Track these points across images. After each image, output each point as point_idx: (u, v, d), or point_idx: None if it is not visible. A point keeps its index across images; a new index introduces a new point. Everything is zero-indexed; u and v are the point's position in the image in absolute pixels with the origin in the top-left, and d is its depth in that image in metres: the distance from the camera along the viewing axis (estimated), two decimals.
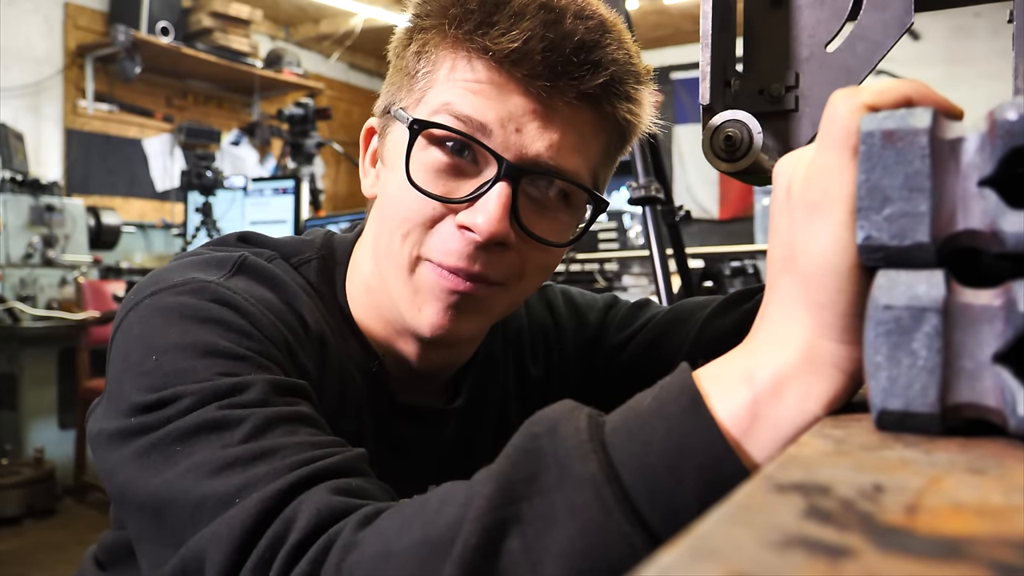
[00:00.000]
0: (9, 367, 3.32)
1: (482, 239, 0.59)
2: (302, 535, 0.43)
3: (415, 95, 0.63)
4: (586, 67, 0.59)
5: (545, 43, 0.57)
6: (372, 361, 0.68)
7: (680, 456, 0.35)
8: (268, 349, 0.56)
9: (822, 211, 0.34)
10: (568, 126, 0.61)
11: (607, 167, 0.68)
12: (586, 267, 3.30)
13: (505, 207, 0.59)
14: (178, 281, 0.58)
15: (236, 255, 0.63)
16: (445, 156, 0.61)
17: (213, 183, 3.12)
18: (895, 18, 0.58)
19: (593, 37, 0.59)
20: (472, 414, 0.76)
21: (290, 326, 0.61)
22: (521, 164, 0.60)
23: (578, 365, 0.83)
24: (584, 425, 0.37)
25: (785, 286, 0.36)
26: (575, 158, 0.62)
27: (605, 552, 0.34)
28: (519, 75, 0.59)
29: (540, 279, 0.67)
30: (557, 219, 0.64)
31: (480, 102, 0.59)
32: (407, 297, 0.64)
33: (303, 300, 0.65)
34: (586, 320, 0.84)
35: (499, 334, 0.79)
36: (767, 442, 0.35)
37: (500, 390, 0.79)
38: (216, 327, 0.55)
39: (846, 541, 0.20)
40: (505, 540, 0.36)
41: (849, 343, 0.34)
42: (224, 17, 5.03)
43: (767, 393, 0.36)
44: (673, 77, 6.69)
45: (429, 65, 0.62)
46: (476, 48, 0.59)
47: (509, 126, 0.59)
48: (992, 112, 0.30)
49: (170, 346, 0.54)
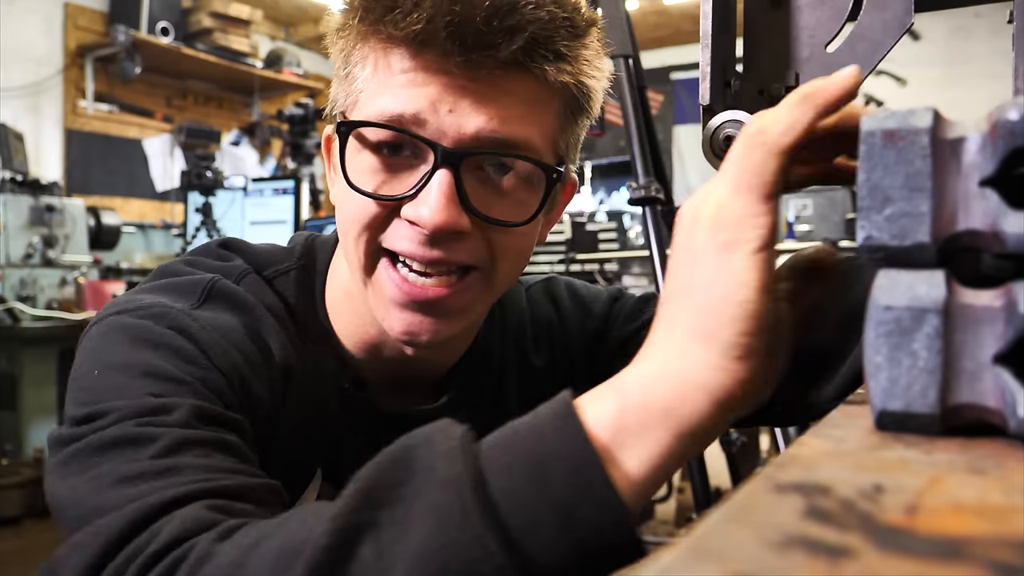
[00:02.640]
0: (9, 367, 3.32)
1: (428, 232, 0.57)
2: (160, 545, 0.43)
3: (352, 98, 0.62)
4: (500, 34, 0.55)
5: (450, 17, 0.54)
6: (347, 376, 0.68)
7: (545, 461, 0.36)
8: (212, 377, 0.56)
9: (733, 249, 0.37)
10: (505, 97, 0.58)
11: (568, 133, 0.65)
12: (586, 267, 3.30)
13: (447, 196, 0.57)
14: (144, 304, 0.60)
15: (206, 281, 0.63)
16: (381, 155, 0.60)
17: (213, 183, 3.12)
18: (895, 18, 0.58)
19: (506, 1, 0.55)
20: (463, 411, 0.76)
21: (248, 355, 0.61)
22: (459, 147, 0.57)
23: (582, 356, 0.82)
24: (458, 434, 0.38)
25: (679, 317, 0.38)
26: (522, 129, 0.59)
27: (458, 551, 0.34)
28: (433, 56, 0.56)
29: (517, 263, 0.65)
30: (514, 196, 0.61)
31: (406, 93, 0.57)
32: (374, 300, 0.63)
33: (269, 325, 0.64)
34: (591, 312, 0.83)
35: (496, 327, 0.78)
36: (637, 453, 0.37)
37: (496, 384, 0.78)
38: (163, 351, 0.56)
39: (846, 541, 0.20)
40: (359, 545, 0.36)
41: (728, 370, 0.37)
42: (224, 17, 5.03)
43: (635, 404, 0.37)
44: (673, 77, 6.70)
45: (354, 65, 0.61)
46: (385, 37, 0.58)
47: (441, 108, 0.57)
48: (993, 112, 0.30)
49: (113, 364, 0.55)
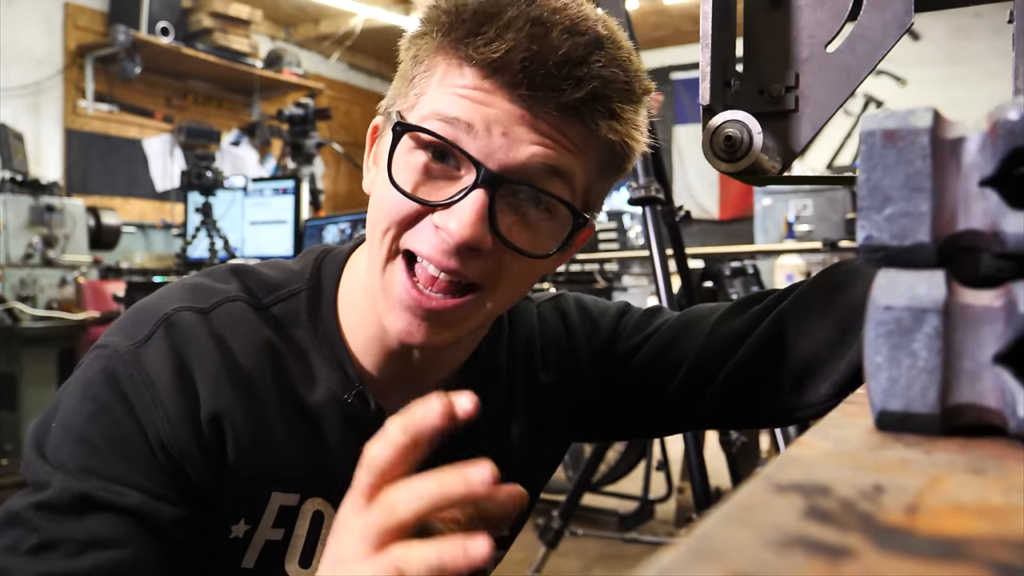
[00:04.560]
0: (9, 367, 3.32)
1: (453, 243, 0.60)
2: None
3: (410, 100, 0.65)
4: (568, 81, 0.60)
5: (527, 54, 0.59)
6: (351, 389, 0.69)
7: None
8: (132, 441, 0.62)
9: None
10: (556, 136, 0.62)
11: (600, 185, 0.69)
12: (586, 267, 3.30)
13: (478, 214, 0.60)
14: (111, 342, 0.65)
15: (160, 316, 0.65)
16: (427, 160, 0.62)
17: (213, 183, 3.11)
18: (895, 18, 0.58)
19: (580, 53, 0.60)
20: (466, 426, 0.76)
21: (169, 407, 0.63)
22: (503, 172, 0.61)
23: (590, 371, 0.83)
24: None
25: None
26: (564, 169, 0.62)
27: None
28: (501, 82, 0.60)
29: (518, 289, 0.68)
30: (538, 229, 0.64)
31: (468, 105, 0.61)
32: (381, 295, 0.65)
33: (206, 366, 0.65)
34: (598, 326, 0.84)
35: (503, 343, 0.79)
36: None
37: (502, 399, 0.79)
38: (98, 418, 0.62)
39: (846, 541, 0.20)
40: None
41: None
42: (224, 17, 5.03)
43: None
44: (673, 77, 6.69)
45: (424, 70, 0.64)
46: (461, 56, 0.61)
47: (495, 129, 0.60)
48: (993, 112, 0.30)
49: (68, 418, 0.62)
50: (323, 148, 4.19)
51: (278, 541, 0.68)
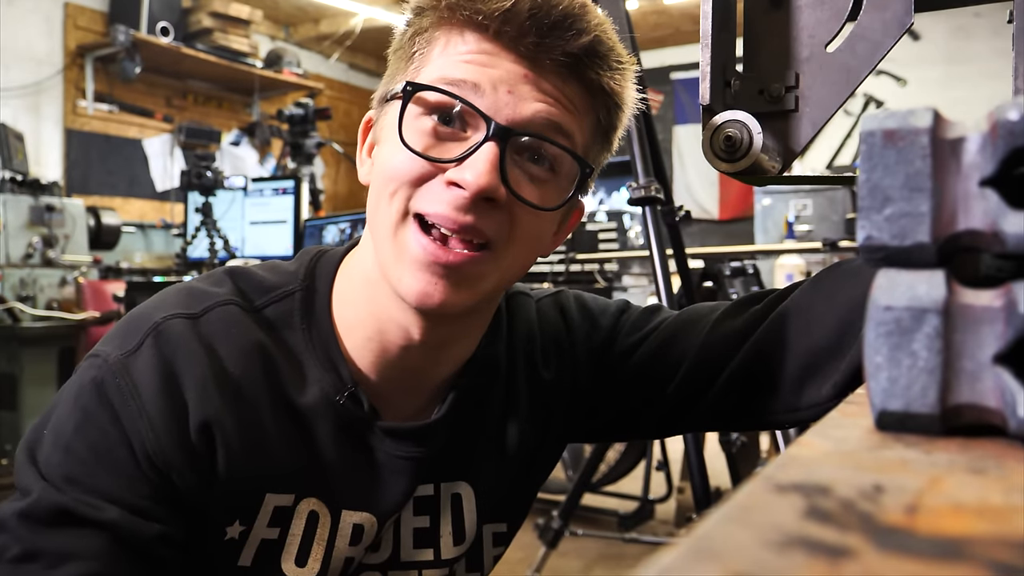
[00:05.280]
0: (9, 367, 3.32)
1: (470, 193, 0.61)
2: None
3: (410, 73, 0.66)
4: (571, 31, 0.63)
5: (532, 5, 0.62)
6: (342, 393, 0.69)
7: None
8: (116, 452, 0.62)
9: None
10: (558, 93, 0.64)
11: (597, 145, 0.71)
12: (586, 267, 3.30)
13: (493, 164, 0.61)
14: (102, 352, 0.65)
15: (151, 324, 0.65)
16: (435, 124, 0.64)
17: (213, 183, 3.11)
18: (895, 18, 0.58)
19: (577, 11, 0.63)
20: (465, 423, 0.76)
21: (155, 420, 0.63)
22: (511, 126, 0.62)
23: (590, 368, 0.83)
24: None
25: None
26: (568, 124, 0.65)
27: None
28: (508, 38, 0.62)
29: (530, 249, 0.68)
30: (545, 184, 0.66)
31: (473, 68, 0.63)
32: (392, 261, 0.64)
33: (196, 374, 0.65)
34: (598, 324, 0.84)
35: (502, 339, 0.79)
36: None
37: (502, 396, 0.79)
38: (85, 428, 0.62)
39: (846, 541, 0.20)
40: None
41: None
42: (224, 17, 5.03)
43: None
44: (673, 77, 6.70)
45: (424, 44, 0.66)
46: (467, 17, 0.63)
47: (501, 88, 0.62)
48: (993, 112, 0.30)
49: (57, 426, 0.63)
50: (323, 148, 4.20)
51: (274, 540, 0.68)
